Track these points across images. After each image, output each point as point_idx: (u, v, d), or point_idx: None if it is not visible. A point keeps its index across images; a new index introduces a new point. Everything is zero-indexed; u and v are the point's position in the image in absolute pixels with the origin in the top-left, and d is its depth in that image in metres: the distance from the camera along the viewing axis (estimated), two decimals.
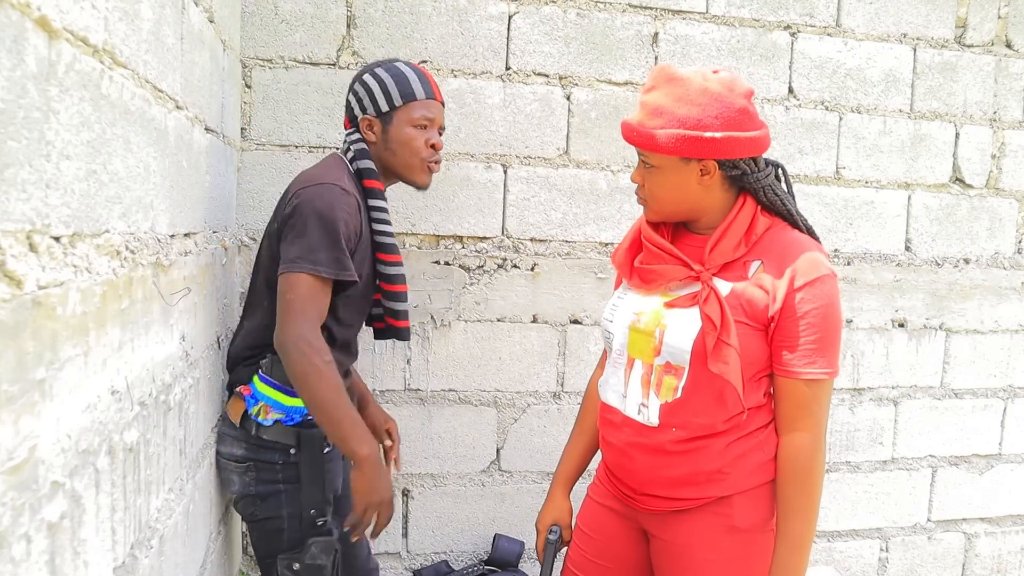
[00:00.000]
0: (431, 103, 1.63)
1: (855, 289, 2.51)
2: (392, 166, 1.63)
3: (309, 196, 1.48)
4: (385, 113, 1.60)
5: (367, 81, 1.61)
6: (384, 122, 1.61)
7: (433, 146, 1.62)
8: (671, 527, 1.40)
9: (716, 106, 1.28)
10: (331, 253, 1.45)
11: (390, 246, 1.61)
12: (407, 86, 1.60)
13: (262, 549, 1.62)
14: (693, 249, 1.38)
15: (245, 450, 1.56)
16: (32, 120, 0.65)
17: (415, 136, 1.60)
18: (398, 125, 1.60)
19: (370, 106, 1.61)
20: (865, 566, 2.63)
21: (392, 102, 1.59)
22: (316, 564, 1.53)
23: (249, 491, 1.57)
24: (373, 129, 1.61)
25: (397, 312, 1.66)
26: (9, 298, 0.61)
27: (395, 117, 1.60)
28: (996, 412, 2.69)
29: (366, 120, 1.61)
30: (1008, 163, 2.60)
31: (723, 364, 1.27)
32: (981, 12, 2.52)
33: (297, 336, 1.41)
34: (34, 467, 0.66)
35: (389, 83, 1.60)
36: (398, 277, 1.63)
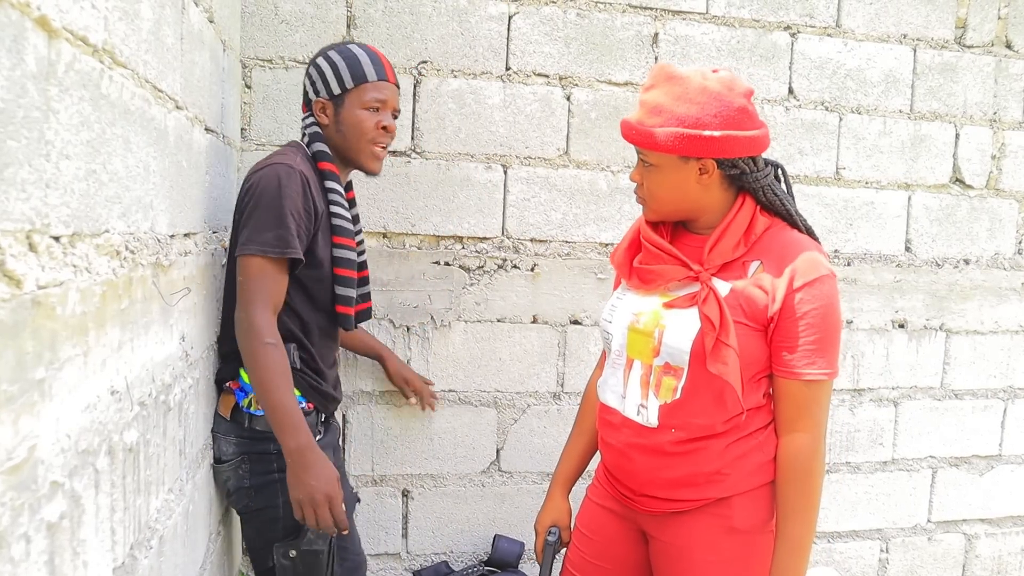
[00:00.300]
0: (383, 84, 1.61)
1: (855, 290, 2.50)
2: (342, 149, 1.62)
3: (256, 179, 1.49)
4: (337, 96, 1.60)
5: (320, 64, 1.61)
6: (336, 105, 1.60)
7: (385, 128, 1.62)
8: (670, 528, 1.40)
9: (715, 105, 1.27)
10: (275, 231, 1.44)
11: (344, 229, 1.59)
12: (359, 68, 1.59)
13: (256, 539, 1.62)
14: (692, 249, 1.38)
15: (236, 445, 1.56)
16: (32, 120, 0.65)
17: (365, 118, 1.60)
18: (350, 107, 1.59)
19: (323, 88, 1.61)
20: (865, 567, 2.63)
21: (344, 84, 1.59)
22: (312, 550, 1.53)
23: (244, 484, 1.57)
24: (326, 112, 1.61)
25: (342, 298, 1.62)
26: (8, 298, 0.61)
27: (347, 99, 1.59)
28: (996, 413, 2.69)
29: (319, 103, 1.61)
30: (1008, 164, 2.60)
31: (722, 365, 1.27)
32: (981, 13, 2.52)
33: (241, 318, 1.43)
34: (33, 467, 0.65)
35: (341, 65, 1.59)
36: (347, 261, 1.60)
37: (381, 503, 2.25)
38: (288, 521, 1.54)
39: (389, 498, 2.25)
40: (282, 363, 1.43)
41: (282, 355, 1.44)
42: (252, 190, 1.48)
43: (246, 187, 1.50)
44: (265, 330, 1.42)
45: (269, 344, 1.42)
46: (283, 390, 1.42)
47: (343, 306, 1.62)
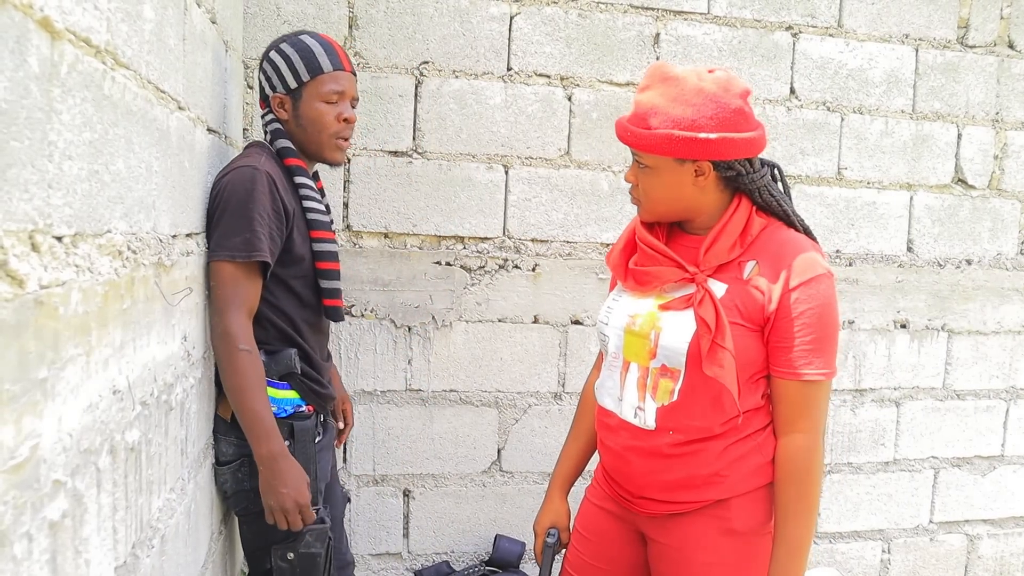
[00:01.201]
0: (340, 75, 1.58)
1: (857, 290, 2.50)
2: (304, 144, 1.60)
3: (223, 184, 1.47)
4: (294, 90, 1.57)
5: (273, 58, 1.58)
6: (294, 99, 1.57)
7: (346, 120, 1.59)
8: (669, 530, 1.39)
9: (711, 106, 1.26)
10: (243, 235, 1.42)
11: (321, 223, 1.57)
12: (313, 60, 1.56)
13: (254, 542, 1.62)
14: (688, 250, 1.37)
15: (236, 447, 1.55)
16: (35, 120, 0.65)
17: (325, 111, 1.57)
18: (308, 101, 1.56)
19: (279, 83, 1.57)
20: (867, 567, 2.63)
21: (300, 78, 1.56)
22: (310, 552, 1.53)
23: (243, 487, 1.57)
24: (284, 107, 1.58)
25: (329, 291, 1.60)
26: (11, 298, 0.61)
27: (304, 93, 1.56)
28: (998, 413, 2.68)
29: (277, 98, 1.58)
30: (1010, 164, 2.60)
31: (718, 367, 1.26)
32: (983, 13, 2.52)
33: (215, 324, 1.42)
34: (36, 466, 0.66)
35: (294, 58, 1.56)
36: (329, 254, 1.59)
37: (382, 503, 2.25)
38: None
39: (390, 498, 2.26)
40: (256, 369, 1.43)
41: (256, 361, 1.43)
42: (219, 195, 1.46)
43: (213, 193, 1.48)
44: (239, 336, 1.41)
45: (243, 350, 1.41)
46: (256, 397, 1.42)
47: (331, 299, 1.61)
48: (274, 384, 1.55)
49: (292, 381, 1.58)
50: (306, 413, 1.60)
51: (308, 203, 1.57)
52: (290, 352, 1.56)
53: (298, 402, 1.58)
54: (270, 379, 1.54)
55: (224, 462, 1.57)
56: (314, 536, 1.53)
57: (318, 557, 1.54)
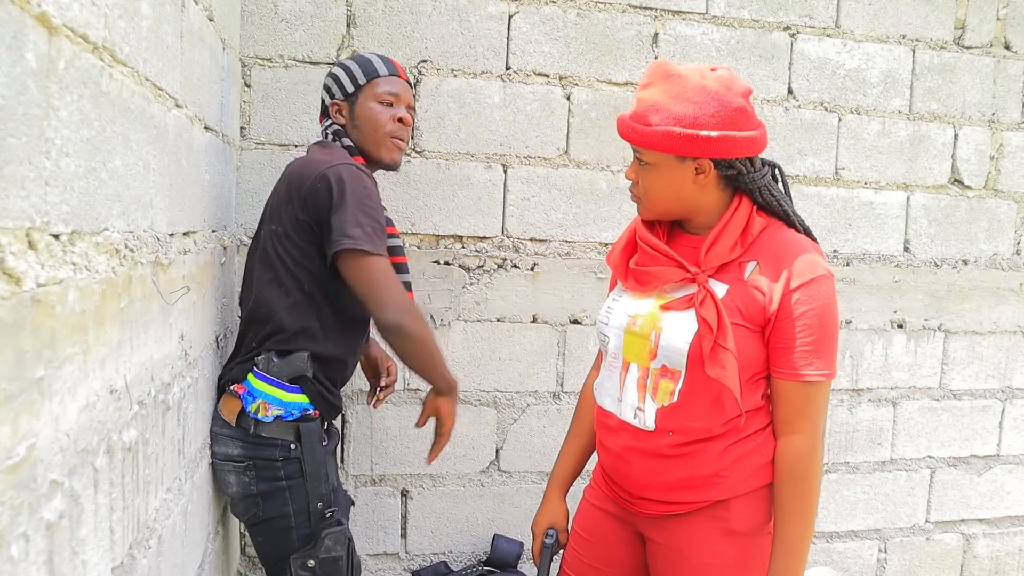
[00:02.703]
0: (395, 79, 1.66)
1: (854, 290, 2.51)
2: (361, 144, 1.65)
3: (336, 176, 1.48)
4: (351, 94, 1.64)
5: (334, 72, 1.68)
6: (351, 103, 1.65)
7: (400, 120, 1.65)
8: (668, 531, 1.39)
9: (713, 104, 1.26)
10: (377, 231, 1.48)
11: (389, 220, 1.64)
12: (370, 66, 1.65)
13: (271, 553, 1.58)
14: (688, 250, 1.36)
15: (243, 449, 1.53)
16: (32, 117, 0.65)
17: (380, 111, 1.63)
18: (363, 103, 1.64)
19: (337, 91, 1.66)
20: (864, 567, 2.63)
21: (357, 82, 1.64)
22: (332, 557, 1.51)
23: (250, 491, 1.54)
24: (342, 112, 1.65)
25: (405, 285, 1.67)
26: (8, 296, 0.60)
27: (360, 96, 1.64)
28: (995, 413, 2.69)
29: (335, 105, 1.66)
30: (1006, 164, 2.60)
31: (720, 368, 1.25)
32: (980, 13, 2.53)
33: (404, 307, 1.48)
34: (33, 466, 0.65)
35: (353, 67, 1.65)
36: (399, 249, 1.67)
37: (380, 503, 2.24)
38: (302, 530, 1.52)
39: (388, 498, 2.25)
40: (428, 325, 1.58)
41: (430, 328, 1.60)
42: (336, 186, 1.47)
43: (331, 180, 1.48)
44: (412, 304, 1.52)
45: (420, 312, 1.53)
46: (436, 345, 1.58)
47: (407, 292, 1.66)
48: (284, 387, 1.52)
49: (303, 384, 1.55)
50: (312, 416, 1.57)
51: None
52: (302, 355, 1.53)
53: (306, 406, 1.55)
54: (280, 381, 1.52)
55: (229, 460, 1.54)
56: (333, 539, 1.51)
57: (340, 560, 1.52)
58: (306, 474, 1.53)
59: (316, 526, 1.53)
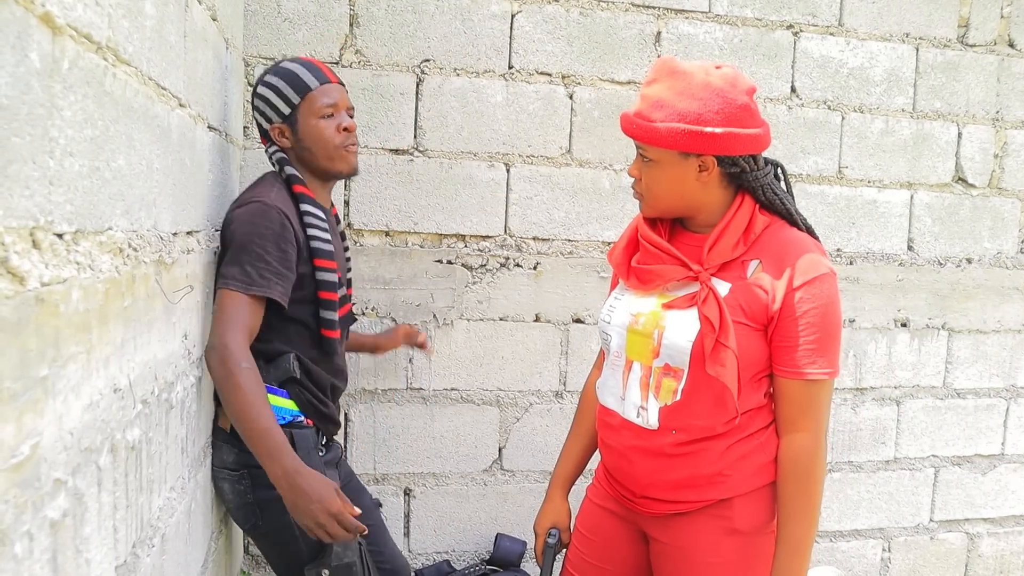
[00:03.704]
0: (328, 88, 1.59)
1: (858, 289, 2.50)
2: (314, 163, 1.60)
3: (232, 218, 1.48)
4: (288, 116, 1.58)
5: (261, 92, 1.60)
6: (291, 124, 1.58)
7: (346, 129, 1.59)
8: (671, 530, 1.39)
9: (717, 101, 1.26)
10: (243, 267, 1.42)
11: (324, 252, 1.54)
12: (298, 81, 1.57)
13: (282, 566, 1.57)
14: (691, 248, 1.36)
15: (237, 456, 1.51)
16: (36, 116, 0.65)
17: (324, 126, 1.57)
18: (304, 122, 1.57)
19: (273, 114, 1.59)
20: (868, 566, 2.63)
21: (291, 101, 1.57)
22: (344, 564, 1.46)
23: (246, 499, 1.52)
24: (285, 135, 1.59)
25: (326, 321, 1.57)
26: (12, 295, 0.61)
27: (299, 115, 1.57)
28: (999, 412, 2.68)
29: (275, 128, 1.59)
30: (1011, 163, 2.60)
31: (720, 367, 1.25)
32: (984, 12, 2.52)
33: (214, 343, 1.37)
34: (36, 465, 0.65)
35: (280, 85, 1.57)
36: (330, 284, 1.55)
37: (383, 502, 2.25)
38: (308, 538, 1.47)
39: (391, 497, 2.25)
40: (258, 385, 1.37)
41: (257, 377, 1.37)
42: (228, 230, 1.47)
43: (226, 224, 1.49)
44: (238, 353, 1.36)
45: (245, 368, 1.35)
46: (261, 414, 1.35)
47: (328, 330, 1.57)
48: (273, 391, 1.50)
49: (291, 389, 1.53)
50: (304, 424, 1.55)
51: (312, 231, 1.54)
52: (288, 356, 1.52)
53: (296, 413, 1.53)
54: (269, 385, 1.49)
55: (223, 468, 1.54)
56: (342, 546, 1.46)
57: (353, 567, 1.47)
58: None
59: None
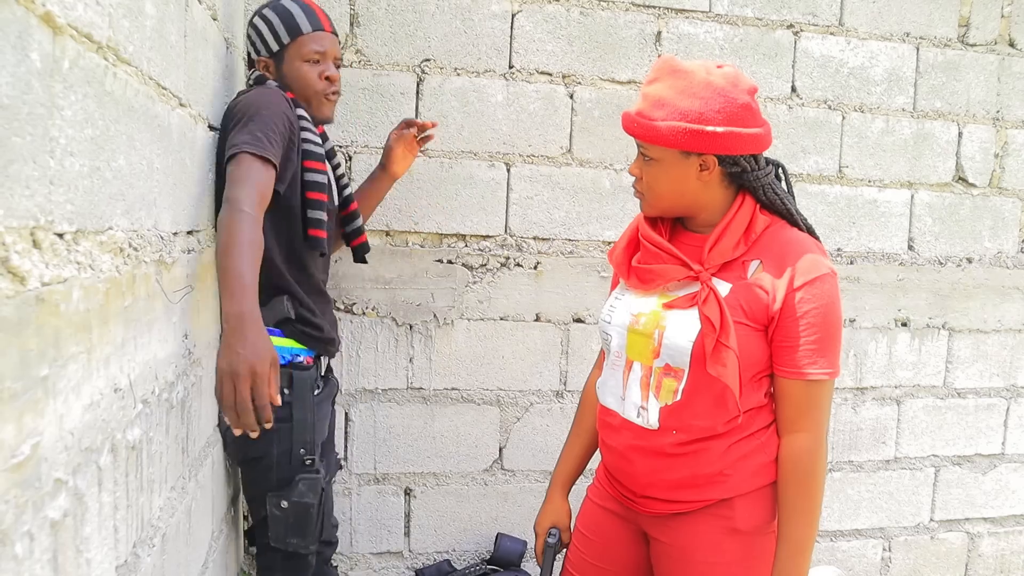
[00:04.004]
0: (320, 35, 1.65)
1: (858, 288, 2.50)
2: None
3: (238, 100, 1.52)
4: (276, 52, 1.64)
5: (256, 23, 1.66)
6: (277, 61, 1.64)
7: (328, 78, 1.65)
8: (672, 530, 1.39)
9: (719, 100, 1.26)
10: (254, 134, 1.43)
11: (314, 153, 1.59)
12: (292, 21, 1.62)
13: (251, 489, 1.65)
14: (691, 248, 1.36)
15: None
16: (36, 116, 0.65)
17: (308, 71, 1.63)
18: (290, 62, 1.63)
19: (262, 48, 1.65)
20: (868, 566, 2.63)
21: (280, 40, 1.63)
22: (303, 502, 1.55)
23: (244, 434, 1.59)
24: (269, 69, 1.65)
25: (313, 220, 1.60)
26: (12, 294, 0.61)
27: (286, 55, 1.63)
28: (999, 412, 2.68)
29: (261, 62, 1.66)
30: (1011, 162, 2.60)
31: (721, 367, 1.25)
32: (984, 11, 2.52)
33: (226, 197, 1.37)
34: (37, 465, 0.65)
35: (275, 21, 1.63)
36: (318, 184, 1.60)
37: (383, 501, 2.25)
38: (281, 472, 1.57)
39: (391, 496, 2.25)
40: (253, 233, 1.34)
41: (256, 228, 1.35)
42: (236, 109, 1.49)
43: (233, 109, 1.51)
44: (244, 202, 1.35)
45: (244, 212, 1.33)
46: (242, 256, 1.31)
47: (315, 229, 1.60)
48: (273, 332, 1.57)
49: (286, 328, 1.59)
50: (305, 364, 1.62)
51: (305, 134, 1.58)
52: (282, 299, 1.58)
53: (296, 351, 1.60)
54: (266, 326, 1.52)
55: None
56: (307, 485, 1.55)
57: (311, 508, 1.56)
58: (294, 419, 1.57)
59: (295, 470, 1.58)
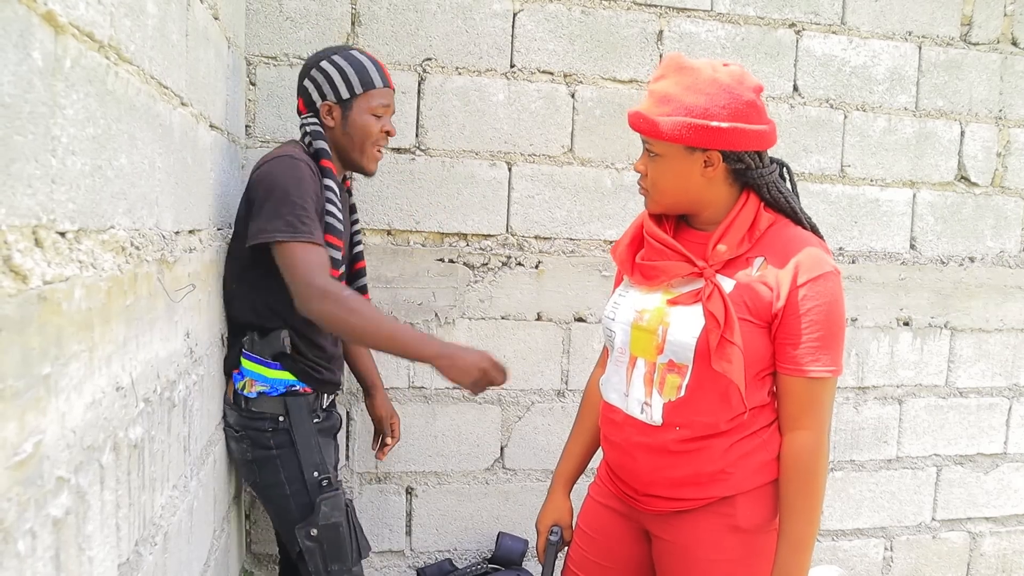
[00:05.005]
0: (387, 91, 1.71)
1: (860, 287, 2.50)
2: (346, 150, 1.69)
3: (264, 172, 1.55)
4: (345, 100, 1.67)
5: (326, 68, 1.67)
6: (344, 108, 1.67)
7: (387, 132, 1.71)
8: (673, 527, 1.39)
9: (724, 97, 1.26)
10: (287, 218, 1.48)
11: (335, 229, 1.61)
12: (366, 75, 1.67)
13: (278, 525, 1.70)
14: (695, 246, 1.36)
15: (238, 419, 1.63)
16: (38, 115, 0.65)
17: (372, 123, 1.68)
18: (358, 112, 1.67)
19: (330, 93, 1.67)
20: (870, 565, 2.63)
21: (353, 90, 1.66)
22: (331, 523, 1.57)
23: (246, 457, 1.64)
24: (333, 115, 1.68)
25: None
26: (15, 293, 0.61)
27: (355, 104, 1.67)
28: (1001, 411, 2.68)
29: (326, 106, 1.67)
30: (1014, 161, 2.59)
31: (726, 363, 1.26)
32: (987, 10, 2.51)
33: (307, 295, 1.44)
34: (39, 463, 0.65)
35: (349, 71, 1.66)
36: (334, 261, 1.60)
37: (385, 500, 2.25)
38: (299, 498, 1.59)
39: (393, 495, 2.25)
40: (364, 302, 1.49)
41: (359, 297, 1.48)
42: (263, 182, 1.53)
43: (256, 178, 1.56)
44: (333, 285, 1.45)
45: (347, 294, 1.45)
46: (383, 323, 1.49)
47: None
48: (267, 364, 1.60)
49: (284, 362, 1.62)
50: (301, 392, 1.64)
51: (329, 207, 1.62)
52: (280, 333, 1.60)
53: (291, 382, 1.63)
54: (263, 359, 1.60)
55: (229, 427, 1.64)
56: (330, 505, 1.57)
57: (340, 527, 1.58)
58: (296, 443, 1.60)
59: (313, 494, 1.59)
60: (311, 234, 1.49)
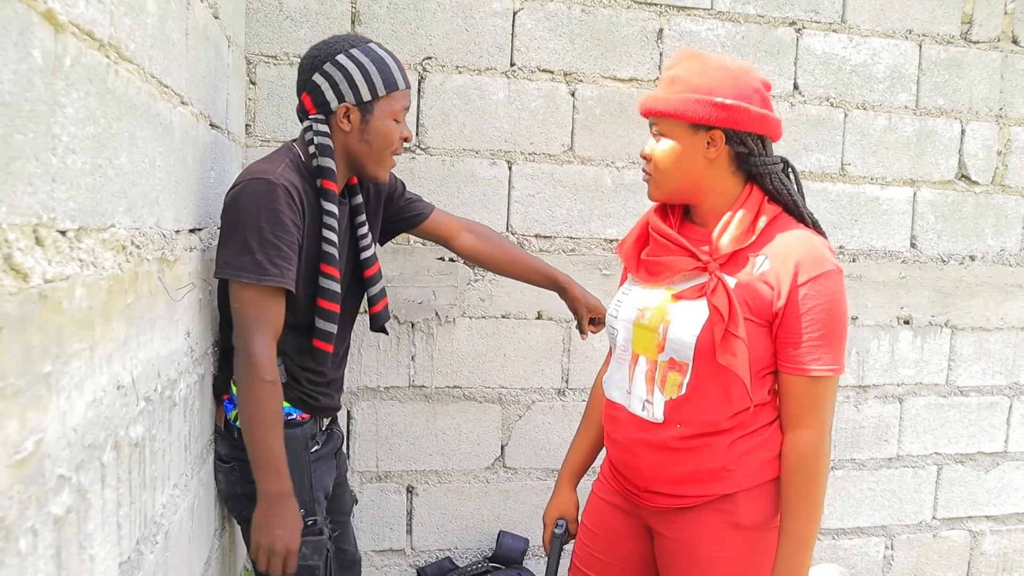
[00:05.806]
0: (408, 92, 1.53)
1: (860, 286, 2.50)
2: (361, 158, 1.50)
3: (234, 195, 1.39)
4: (367, 103, 1.46)
5: (344, 64, 1.45)
6: (364, 112, 1.47)
7: (405, 139, 1.53)
8: (675, 524, 1.39)
9: (731, 79, 1.31)
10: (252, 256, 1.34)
11: (332, 258, 1.47)
12: (389, 73, 1.47)
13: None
14: (699, 242, 1.37)
15: (228, 449, 1.53)
16: (38, 114, 0.65)
17: (393, 129, 1.49)
18: (380, 117, 1.47)
19: (349, 93, 1.45)
20: (870, 563, 2.63)
21: (376, 91, 1.46)
22: (307, 565, 1.47)
23: (235, 491, 1.54)
24: (350, 118, 1.47)
25: (321, 332, 1.49)
26: (16, 291, 0.61)
27: (377, 108, 1.47)
28: (1002, 410, 2.68)
29: (344, 107, 1.46)
30: (1014, 160, 2.59)
31: (731, 356, 1.26)
32: (987, 8, 2.51)
33: (240, 348, 1.36)
34: (40, 461, 0.66)
35: (371, 69, 1.46)
36: (331, 294, 1.47)
37: (385, 499, 2.25)
38: None
39: (393, 494, 2.26)
40: (276, 403, 1.38)
41: (277, 394, 1.38)
42: (228, 207, 1.39)
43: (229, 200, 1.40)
44: (263, 364, 1.35)
45: (266, 381, 1.35)
46: (271, 432, 1.37)
47: (321, 341, 1.50)
48: None
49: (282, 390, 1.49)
50: (297, 420, 1.54)
51: (327, 232, 1.46)
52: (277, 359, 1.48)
53: (286, 410, 1.51)
54: None
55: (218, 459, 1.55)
56: (311, 548, 1.47)
57: (316, 570, 1.49)
58: None
59: None
60: (281, 277, 1.36)
